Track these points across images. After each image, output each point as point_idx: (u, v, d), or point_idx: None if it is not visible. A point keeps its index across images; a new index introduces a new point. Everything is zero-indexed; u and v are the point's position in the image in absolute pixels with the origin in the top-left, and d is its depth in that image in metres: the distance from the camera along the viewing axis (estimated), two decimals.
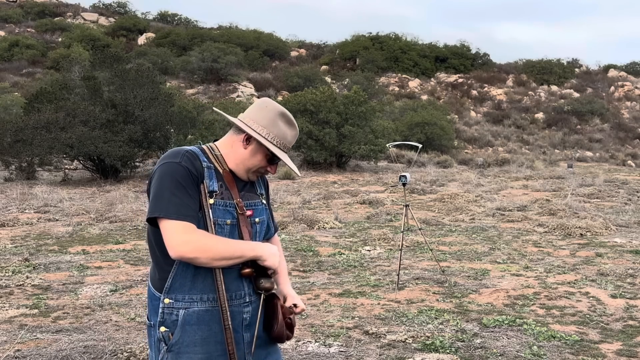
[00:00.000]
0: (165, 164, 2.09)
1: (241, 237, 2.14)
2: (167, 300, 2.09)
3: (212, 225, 2.07)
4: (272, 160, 2.20)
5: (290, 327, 2.25)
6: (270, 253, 2.17)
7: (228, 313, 2.07)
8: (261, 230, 2.27)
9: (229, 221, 2.12)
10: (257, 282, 2.17)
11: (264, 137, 2.15)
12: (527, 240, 9.40)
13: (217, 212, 2.10)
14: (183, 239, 2.01)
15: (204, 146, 2.21)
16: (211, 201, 2.09)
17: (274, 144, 2.16)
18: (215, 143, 2.25)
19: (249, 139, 2.17)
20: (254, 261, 2.14)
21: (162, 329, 2.09)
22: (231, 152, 2.20)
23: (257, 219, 2.23)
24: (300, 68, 41.87)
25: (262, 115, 2.18)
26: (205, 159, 2.14)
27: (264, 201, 2.30)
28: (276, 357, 2.30)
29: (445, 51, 50.43)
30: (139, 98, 18.61)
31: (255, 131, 2.16)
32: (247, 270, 2.12)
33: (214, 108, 2.68)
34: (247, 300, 2.16)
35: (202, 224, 2.07)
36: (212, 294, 2.08)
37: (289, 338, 2.25)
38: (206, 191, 2.09)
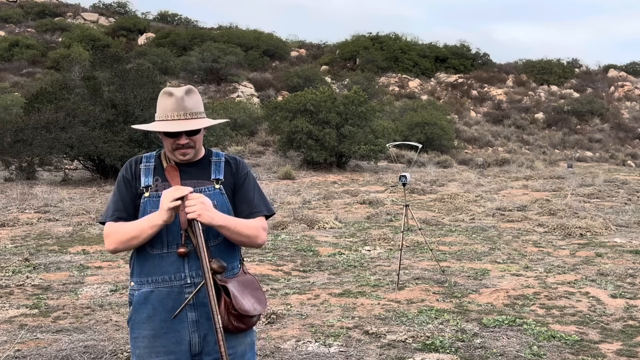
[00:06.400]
0: None
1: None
2: (132, 284, 2.39)
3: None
4: (169, 135, 2.32)
5: (239, 318, 2.26)
6: (167, 196, 2.20)
7: (218, 317, 2.18)
8: None
9: None
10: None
11: (153, 123, 2.36)
12: (527, 240, 9.40)
13: (152, 203, 2.30)
14: (104, 235, 2.34)
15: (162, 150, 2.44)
16: (147, 194, 2.33)
17: (158, 121, 2.33)
18: None
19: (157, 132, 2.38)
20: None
21: (130, 308, 2.38)
22: None
23: None
24: (300, 68, 41.76)
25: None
26: (152, 161, 2.38)
27: (219, 186, 2.38)
28: (242, 347, 2.35)
29: (445, 51, 50.33)
30: (139, 98, 18.58)
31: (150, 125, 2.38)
32: (182, 249, 2.25)
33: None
34: (189, 281, 2.29)
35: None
36: (155, 277, 2.29)
37: (238, 330, 2.28)
38: (140, 189, 2.33)
